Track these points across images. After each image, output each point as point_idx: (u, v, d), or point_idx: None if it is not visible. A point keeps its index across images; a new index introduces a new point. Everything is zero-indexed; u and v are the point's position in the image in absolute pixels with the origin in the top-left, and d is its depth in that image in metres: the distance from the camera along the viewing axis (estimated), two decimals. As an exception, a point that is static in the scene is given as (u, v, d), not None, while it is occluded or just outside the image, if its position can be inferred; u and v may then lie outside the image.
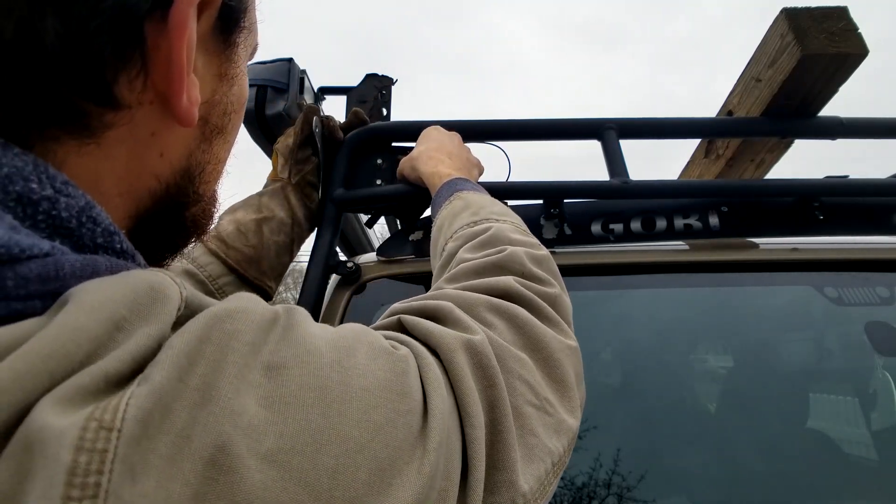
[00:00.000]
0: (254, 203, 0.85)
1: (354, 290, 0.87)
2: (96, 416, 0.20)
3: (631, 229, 0.93)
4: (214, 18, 0.33)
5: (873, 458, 0.97)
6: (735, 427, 0.94)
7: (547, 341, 0.42)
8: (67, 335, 0.21)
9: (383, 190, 0.92)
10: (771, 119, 0.96)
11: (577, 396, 0.42)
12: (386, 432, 0.26)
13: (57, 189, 0.26)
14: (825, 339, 1.10)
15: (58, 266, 0.24)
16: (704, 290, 1.00)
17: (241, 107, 0.39)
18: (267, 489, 0.22)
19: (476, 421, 0.32)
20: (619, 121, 0.95)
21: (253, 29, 0.38)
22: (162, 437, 0.21)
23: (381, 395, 0.27)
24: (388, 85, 1.04)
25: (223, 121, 0.37)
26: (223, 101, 0.36)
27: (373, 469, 0.25)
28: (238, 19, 0.35)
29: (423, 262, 0.90)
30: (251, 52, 0.41)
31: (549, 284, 0.49)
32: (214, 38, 0.34)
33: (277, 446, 0.23)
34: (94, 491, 0.19)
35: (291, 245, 0.87)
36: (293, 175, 0.87)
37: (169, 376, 0.22)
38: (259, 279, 0.81)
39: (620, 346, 1.06)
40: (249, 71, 0.94)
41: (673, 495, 0.81)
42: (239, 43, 0.36)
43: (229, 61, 0.36)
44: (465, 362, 0.34)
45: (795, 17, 0.86)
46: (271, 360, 0.25)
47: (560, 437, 0.39)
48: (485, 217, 0.59)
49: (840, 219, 0.96)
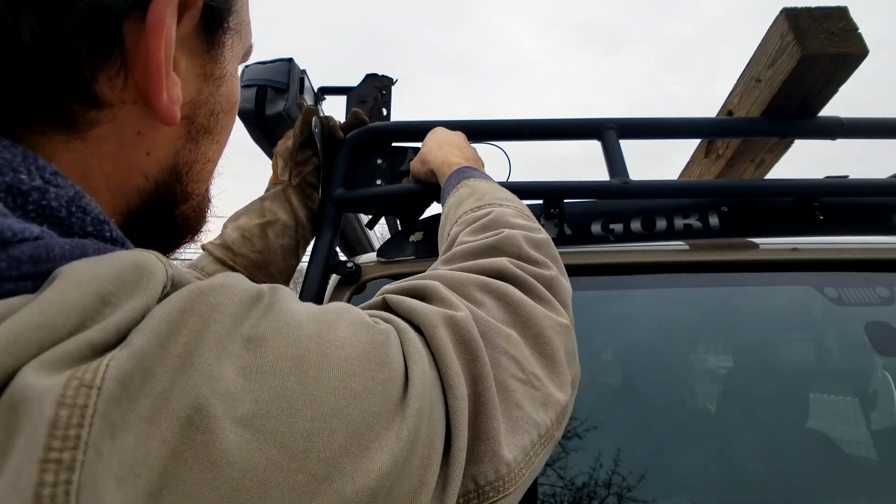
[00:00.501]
0: (256, 208, 0.85)
1: (354, 290, 0.87)
2: (78, 375, 0.21)
3: (631, 229, 0.94)
4: (197, 19, 0.33)
5: (873, 458, 0.97)
6: (735, 427, 0.94)
7: (536, 318, 0.43)
8: (56, 308, 0.22)
9: (383, 190, 0.92)
10: (771, 119, 0.96)
11: (566, 372, 0.43)
12: (363, 399, 0.27)
13: (46, 179, 0.27)
14: (825, 339, 1.10)
15: (48, 248, 0.25)
16: (704, 290, 1.00)
17: (231, 107, 0.40)
18: (241, 450, 0.23)
19: (458, 393, 0.33)
20: (619, 121, 0.95)
21: (243, 30, 0.39)
22: (142, 399, 0.21)
23: (359, 364, 0.28)
24: (388, 85, 1.04)
25: (210, 121, 0.37)
26: (210, 101, 0.37)
27: (349, 433, 0.26)
28: (222, 20, 0.35)
29: (423, 263, 0.90)
30: (244, 54, 0.41)
31: (546, 267, 0.49)
32: (198, 38, 0.34)
33: (253, 411, 0.24)
34: (75, 443, 0.19)
35: (297, 247, 0.87)
36: (294, 177, 0.87)
37: (149, 342, 0.23)
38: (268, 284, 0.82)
39: (620, 346, 1.06)
40: (249, 71, 0.95)
41: (673, 495, 0.81)
42: (224, 44, 0.36)
43: (214, 62, 0.36)
44: (447, 337, 0.35)
45: (795, 17, 0.86)
46: (252, 332, 0.26)
47: (547, 411, 0.39)
48: (488, 202, 0.60)
49: (840, 219, 0.96)
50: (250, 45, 0.41)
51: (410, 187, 0.88)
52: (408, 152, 0.94)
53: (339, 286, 0.88)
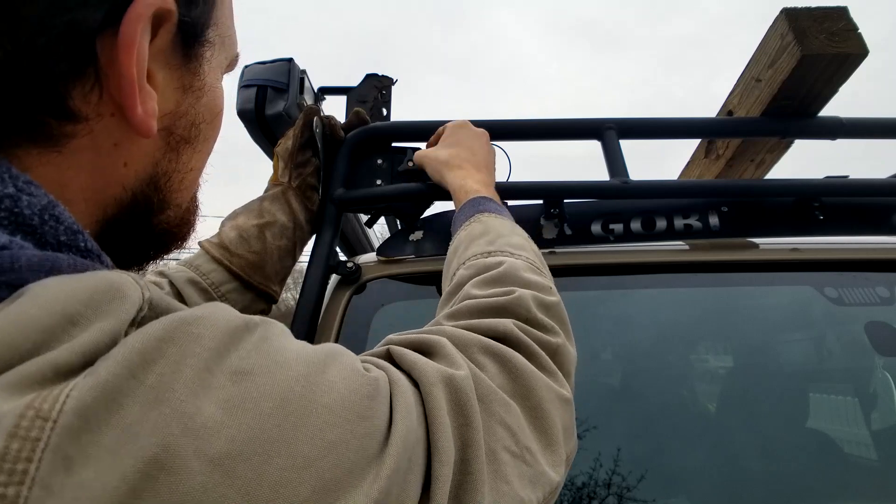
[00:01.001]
0: (255, 208, 0.85)
1: (354, 290, 0.87)
2: (35, 404, 0.20)
3: (631, 229, 0.94)
4: (173, 33, 0.34)
5: (873, 458, 0.97)
6: (735, 427, 0.94)
7: (538, 389, 0.41)
8: (15, 325, 0.22)
9: (383, 190, 0.92)
10: (771, 119, 0.96)
11: (562, 451, 0.41)
12: (338, 452, 0.26)
13: (19, 188, 0.27)
14: (825, 339, 1.10)
15: (13, 258, 0.24)
16: (704, 290, 1.00)
17: (214, 117, 0.40)
18: (206, 492, 0.22)
19: (445, 457, 0.32)
20: (619, 121, 0.95)
21: (226, 42, 0.39)
22: (108, 431, 0.21)
23: (341, 414, 0.27)
24: (388, 85, 1.04)
25: (191, 131, 0.38)
26: (190, 112, 0.37)
27: (317, 487, 0.25)
28: (199, 34, 0.36)
29: (423, 262, 0.90)
30: (229, 64, 0.41)
31: (553, 333, 0.48)
32: (175, 51, 0.35)
33: (226, 450, 0.23)
34: (21, 478, 0.19)
35: (294, 248, 0.87)
36: (294, 179, 0.87)
37: (117, 372, 0.22)
38: (264, 284, 0.82)
39: (620, 346, 1.06)
40: (249, 71, 0.95)
41: (673, 495, 0.81)
42: (203, 56, 0.37)
43: (193, 74, 0.37)
44: (443, 397, 0.34)
45: (795, 17, 0.86)
46: (240, 365, 0.25)
47: (535, 489, 0.37)
48: (500, 249, 0.57)
49: (840, 219, 0.96)
50: (235, 54, 0.42)
51: (410, 187, 0.88)
52: (407, 152, 0.94)
53: (339, 286, 0.88)
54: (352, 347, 0.34)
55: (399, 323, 0.89)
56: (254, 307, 0.83)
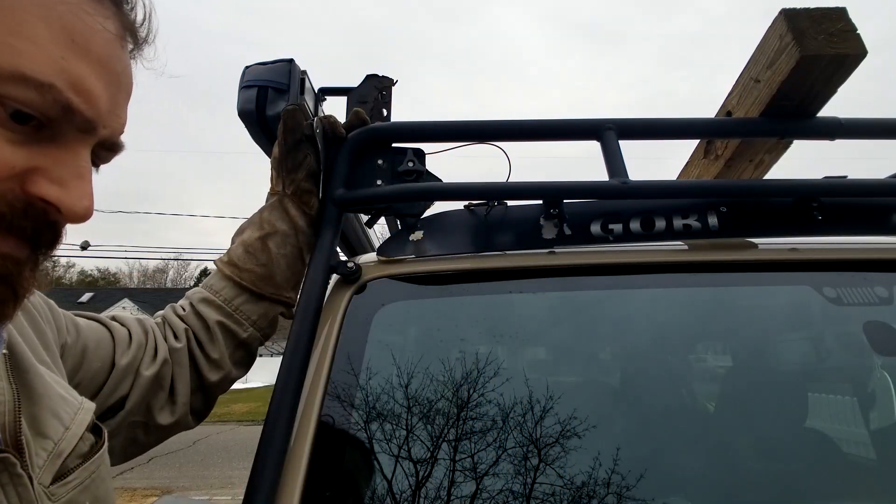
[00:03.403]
0: (256, 220, 0.87)
1: (355, 290, 0.88)
2: None
3: (630, 229, 0.94)
4: None
5: (872, 458, 0.97)
6: (734, 427, 0.94)
7: None
8: None
9: (384, 190, 0.92)
10: (770, 119, 0.96)
11: None
12: None
13: None
14: (824, 338, 1.10)
15: None
16: (704, 290, 1.00)
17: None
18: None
19: None
20: (619, 121, 0.95)
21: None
22: None
23: None
24: (388, 86, 1.04)
25: None
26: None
27: None
28: None
29: (423, 262, 0.90)
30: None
31: None
32: None
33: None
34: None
35: (301, 254, 0.88)
36: (287, 186, 0.88)
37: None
38: (276, 294, 0.85)
39: (620, 345, 1.06)
40: (250, 72, 0.95)
41: (672, 495, 0.81)
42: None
43: None
44: None
45: (794, 17, 0.86)
46: None
47: None
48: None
49: (839, 219, 0.96)
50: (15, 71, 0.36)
51: (411, 187, 0.89)
52: (408, 152, 0.95)
53: (339, 286, 0.89)
54: (352, 347, 0.35)
55: (399, 323, 0.90)
56: (271, 313, 0.86)
